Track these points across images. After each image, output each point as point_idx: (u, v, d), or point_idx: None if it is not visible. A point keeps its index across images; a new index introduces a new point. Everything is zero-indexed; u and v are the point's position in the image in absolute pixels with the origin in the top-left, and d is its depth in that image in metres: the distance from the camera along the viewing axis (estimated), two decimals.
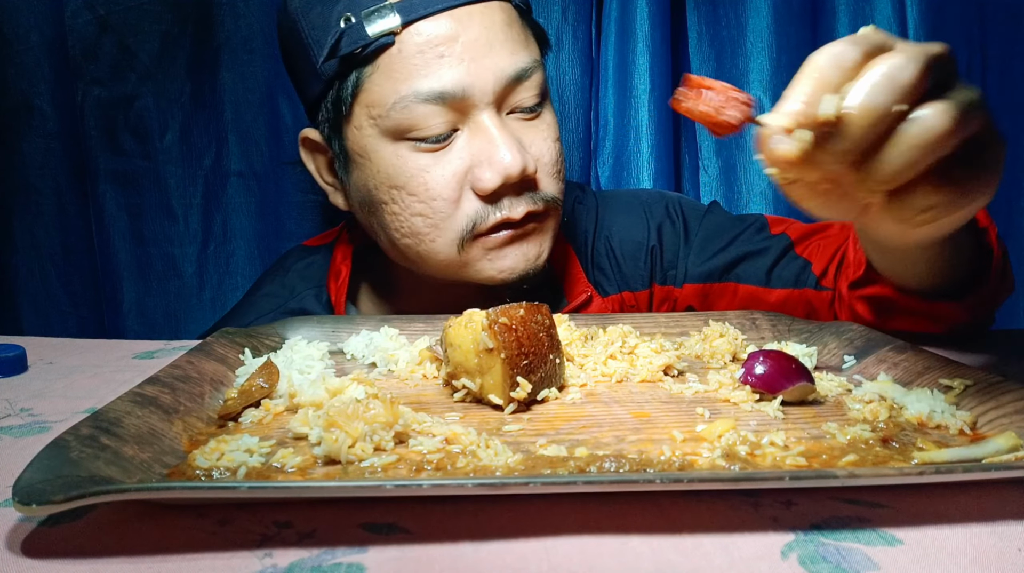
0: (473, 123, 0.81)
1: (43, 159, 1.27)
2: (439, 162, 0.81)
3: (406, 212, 0.83)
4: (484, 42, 0.79)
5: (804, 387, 0.58)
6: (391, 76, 0.79)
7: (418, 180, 0.81)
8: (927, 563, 0.38)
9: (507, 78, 0.80)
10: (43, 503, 0.37)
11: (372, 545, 0.40)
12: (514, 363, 0.56)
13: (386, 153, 0.82)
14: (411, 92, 0.79)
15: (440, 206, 0.82)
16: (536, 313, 0.59)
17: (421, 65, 0.78)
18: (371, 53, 0.79)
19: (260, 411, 0.57)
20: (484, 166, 0.80)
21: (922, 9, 1.20)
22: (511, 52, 0.81)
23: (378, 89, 0.80)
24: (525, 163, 0.80)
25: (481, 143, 0.80)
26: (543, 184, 0.85)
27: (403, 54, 0.79)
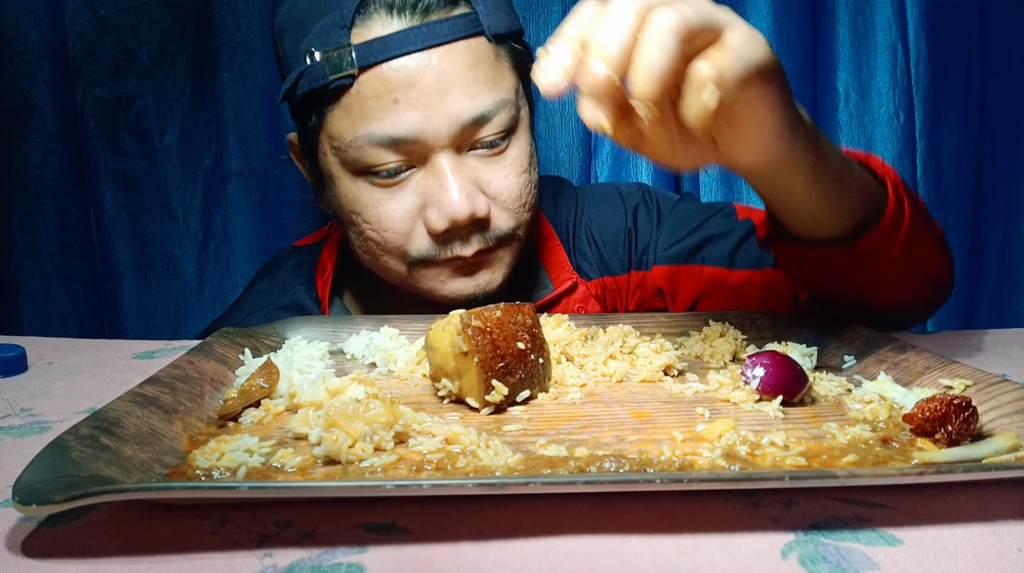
0: (430, 164, 0.82)
1: (43, 159, 1.27)
2: (393, 198, 0.83)
3: (362, 236, 0.87)
4: (441, 87, 0.79)
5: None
6: (349, 115, 0.81)
7: (372, 211, 0.84)
8: (927, 563, 0.38)
9: (464, 123, 0.80)
10: (43, 503, 0.37)
11: (372, 545, 0.40)
12: (488, 366, 0.56)
13: (346, 181, 0.85)
14: (365, 134, 0.80)
15: (391, 237, 0.84)
16: (516, 314, 0.59)
17: (376, 108, 0.79)
18: (333, 91, 0.81)
19: (260, 411, 0.57)
20: (434, 208, 0.81)
21: (922, 9, 1.20)
22: (471, 96, 0.80)
23: (338, 124, 0.82)
24: (474, 208, 0.81)
25: (433, 185, 0.81)
26: (499, 221, 0.85)
27: (360, 96, 0.79)
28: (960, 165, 1.26)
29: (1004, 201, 1.30)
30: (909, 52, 1.21)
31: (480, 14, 0.82)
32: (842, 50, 1.22)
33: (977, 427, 0.50)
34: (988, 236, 1.30)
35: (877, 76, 1.21)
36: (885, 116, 1.22)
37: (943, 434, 0.49)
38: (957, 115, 1.25)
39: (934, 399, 0.50)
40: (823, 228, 0.72)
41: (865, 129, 1.23)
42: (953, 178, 1.26)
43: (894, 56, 1.20)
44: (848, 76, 1.22)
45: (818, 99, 1.25)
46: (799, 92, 1.23)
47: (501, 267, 0.88)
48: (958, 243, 1.28)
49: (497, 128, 0.82)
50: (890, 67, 1.21)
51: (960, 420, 0.49)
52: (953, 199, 1.27)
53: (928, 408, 0.50)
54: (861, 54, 1.22)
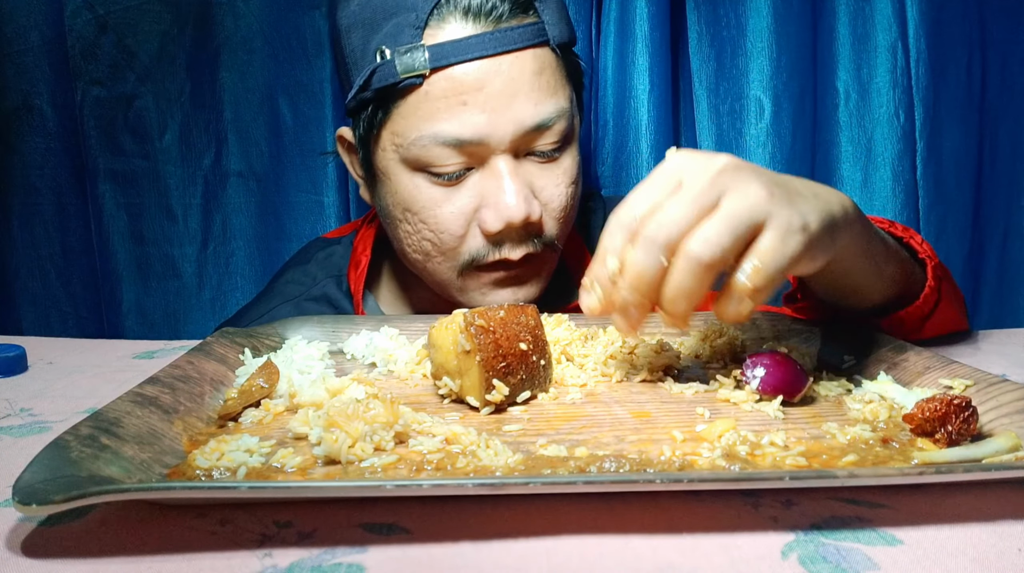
0: (488, 166, 0.83)
1: (43, 159, 1.27)
2: (450, 198, 0.84)
3: (416, 235, 0.87)
4: (509, 93, 0.80)
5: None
6: (416, 114, 0.82)
7: (429, 211, 0.84)
8: (927, 563, 0.38)
9: (526, 129, 0.82)
10: (43, 503, 0.37)
11: (372, 545, 0.40)
12: (490, 365, 0.56)
13: (404, 179, 0.85)
14: (431, 133, 0.81)
15: (447, 238, 0.85)
16: (519, 314, 0.59)
17: (444, 109, 0.80)
18: (401, 88, 0.82)
19: (260, 411, 0.57)
20: (490, 209, 0.82)
21: (922, 9, 1.20)
22: (535, 103, 0.82)
23: (403, 122, 0.83)
24: (529, 212, 0.82)
25: (491, 186, 0.83)
26: (547, 228, 0.86)
27: (429, 96, 0.81)
28: (960, 165, 1.26)
29: (1004, 201, 1.29)
30: (909, 52, 1.21)
31: (546, 24, 0.83)
32: (842, 50, 1.22)
33: (977, 427, 0.50)
34: (988, 236, 1.30)
35: (877, 76, 1.21)
36: (885, 116, 1.22)
37: (943, 434, 0.49)
38: (957, 115, 1.25)
39: (934, 399, 0.50)
40: (853, 304, 0.75)
41: (865, 129, 1.23)
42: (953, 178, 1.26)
43: (894, 56, 1.20)
44: (848, 76, 1.22)
45: (818, 99, 1.25)
46: (799, 92, 1.23)
47: (541, 279, 0.90)
48: (958, 243, 1.28)
49: (555, 137, 0.84)
50: (890, 67, 1.20)
51: (960, 420, 0.49)
52: (953, 199, 1.27)
53: (928, 408, 0.50)
54: (861, 54, 1.21)
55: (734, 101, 1.25)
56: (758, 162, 1.24)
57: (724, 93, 1.25)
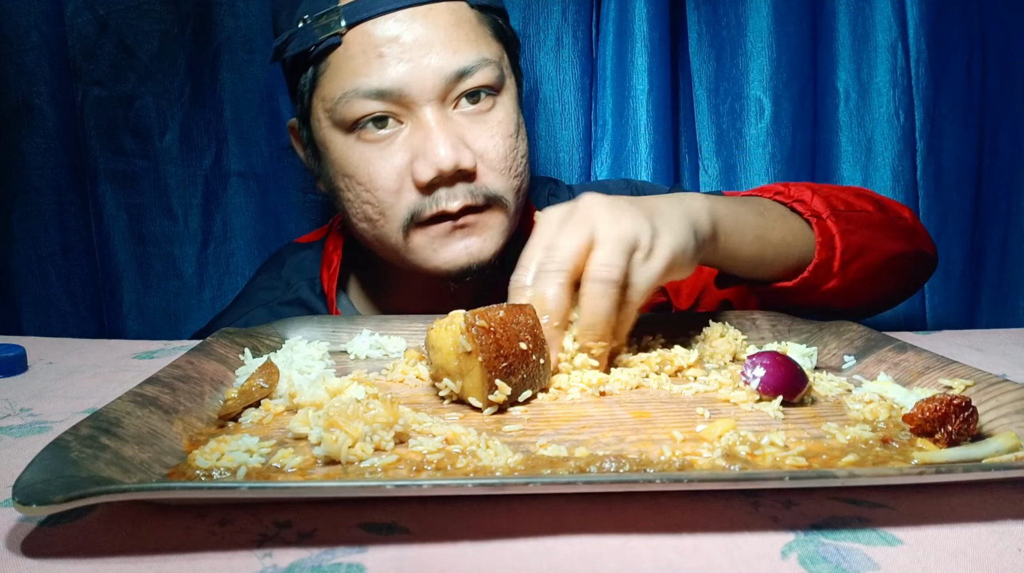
0: (415, 118, 0.85)
1: (43, 159, 1.27)
2: (382, 154, 0.86)
3: (358, 200, 0.88)
4: (425, 42, 0.83)
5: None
6: (338, 73, 0.85)
7: (363, 170, 0.86)
8: (927, 563, 0.38)
9: (446, 76, 0.84)
10: (43, 503, 0.37)
11: (372, 545, 0.40)
12: (492, 366, 0.56)
13: (338, 144, 0.88)
14: (353, 88, 0.84)
15: (383, 196, 0.86)
16: (518, 314, 0.59)
17: (363, 64, 0.83)
18: (323, 52, 0.85)
19: (260, 411, 0.57)
20: (420, 159, 0.84)
21: (922, 9, 1.20)
22: (454, 51, 0.84)
23: (328, 84, 0.86)
24: (459, 158, 0.83)
25: (420, 138, 0.85)
26: (486, 179, 0.87)
27: (348, 53, 0.84)
28: (960, 165, 1.26)
29: (1004, 201, 1.29)
30: (909, 52, 1.21)
31: None
32: (842, 50, 1.22)
33: (977, 427, 0.50)
34: (988, 236, 1.30)
35: (877, 76, 1.21)
36: (885, 116, 1.22)
37: (943, 434, 0.49)
38: (957, 115, 1.25)
39: (934, 399, 0.50)
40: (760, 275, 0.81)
41: (865, 129, 1.23)
42: (953, 178, 1.26)
43: (894, 56, 1.20)
44: (848, 76, 1.22)
45: (818, 99, 1.25)
46: (799, 92, 1.23)
47: (492, 235, 0.89)
48: (958, 243, 1.28)
49: (480, 81, 0.86)
50: (890, 67, 1.21)
51: (960, 420, 0.49)
52: (953, 199, 1.27)
53: (928, 408, 0.50)
54: (861, 54, 1.22)
55: (734, 101, 1.25)
56: (758, 162, 1.25)
57: (724, 93, 1.25)
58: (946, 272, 1.28)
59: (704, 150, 1.26)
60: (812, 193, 0.84)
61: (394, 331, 0.80)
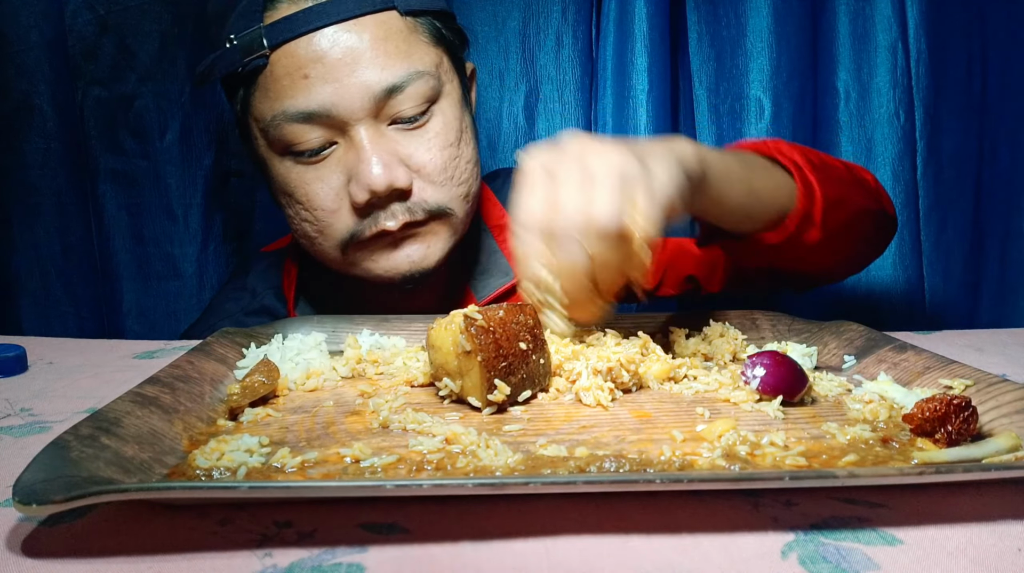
0: (348, 137, 0.83)
1: (43, 159, 1.27)
2: (319, 175, 0.84)
3: (297, 217, 0.88)
4: (349, 61, 0.80)
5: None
6: (267, 95, 0.83)
7: (301, 191, 0.85)
8: (927, 563, 0.38)
9: (375, 95, 0.81)
10: (43, 503, 0.37)
11: (372, 545, 0.40)
12: (491, 366, 0.56)
13: (275, 164, 0.86)
14: (280, 111, 0.82)
15: (321, 215, 0.85)
16: (518, 314, 0.59)
17: (289, 86, 0.81)
18: (250, 73, 0.83)
19: (261, 410, 0.57)
20: (353, 182, 0.82)
21: (922, 9, 1.20)
22: (382, 67, 0.81)
23: (259, 106, 0.84)
24: (391, 179, 0.81)
25: (352, 159, 0.83)
26: (426, 193, 0.85)
27: (274, 75, 0.82)
28: (960, 165, 1.26)
29: (1004, 201, 1.29)
30: (909, 52, 1.21)
31: None
32: (842, 50, 1.22)
33: (977, 427, 0.50)
34: (988, 236, 1.30)
35: (877, 76, 1.21)
36: (885, 116, 1.22)
37: (943, 434, 0.49)
38: (957, 115, 1.25)
39: (934, 399, 0.50)
40: (746, 229, 0.79)
41: (865, 129, 1.23)
42: (953, 178, 1.26)
43: (894, 56, 1.20)
44: (848, 76, 1.22)
45: (818, 99, 1.25)
46: (799, 92, 1.23)
47: (437, 243, 0.88)
48: (958, 243, 1.28)
49: (414, 100, 0.83)
50: (890, 67, 1.21)
51: (960, 420, 0.49)
52: (953, 199, 1.27)
53: (928, 408, 0.50)
54: (861, 54, 1.22)
55: (734, 101, 1.25)
56: None
57: (724, 93, 1.25)
58: (946, 272, 1.28)
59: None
60: (789, 146, 0.83)
61: (394, 331, 0.80)
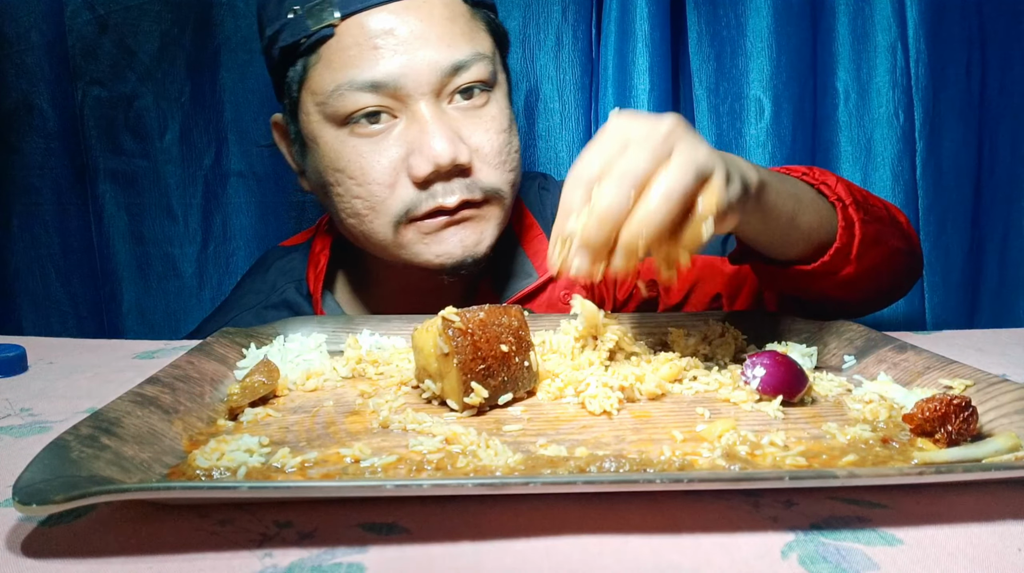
0: (410, 112, 0.84)
1: (43, 159, 1.27)
2: (376, 148, 0.84)
3: (348, 194, 0.87)
4: (420, 35, 0.82)
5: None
6: (331, 66, 0.84)
7: (356, 164, 0.85)
8: (927, 563, 0.38)
9: (442, 70, 0.83)
10: (43, 503, 0.37)
11: (372, 545, 0.40)
12: (468, 368, 0.55)
13: (329, 138, 0.86)
14: (347, 80, 0.83)
15: (376, 190, 0.85)
16: (501, 315, 0.58)
17: (357, 56, 0.82)
18: (314, 43, 0.84)
19: (261, 410, 0.57)
20: (416, 154, 0.83)
21: (922, 9, 1.20)
22: (448, 44, 0.83)
23: (319, 77, 0.85)
24: (456, 153, 0.82)
25: (415, 132, 0.84)
26: (482, 174, 0.87)
27: (341, 45, 0.83)
28: (960, 165, 1.26)
29: (1004, 201, 1.29)
30: (909, 52, 1.21)
31: None
32: (842, 50, 1.22)
33: (977, 427, 0.50)
34: (988, 236, 1.30)
35: (877, 76, 1.21)
36: (885, 116, 1.22)
37: (943, 434, 0.49)
38: (957, 115, 1.25)
39: (934, 399, 0.50)
40: (781, 254, 0.78)
41: (865, 129, 1.23)
42: (953, 178, 1.26)
43: (894, 56, 1.20)
44: (848, 76, 1.22)
45: (818, 99, 1.25)
46: (799, 92, 1.23)
47: (488, 229, 0.88)
48: (958, 243, 1.28)
49: (475, 76, 0.85)
50: (890, 67, 1.21)
51: (960, 420, 0.49)
52: (953, 199, 1.27)
53: (928, 408, 0.50)
54: (861, 54, 1.21)
55: (734, 101, 1.25)
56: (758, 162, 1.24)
57: (724, 93, 1.25)
58: (946, 272, 1.28)
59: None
60: (836, 179, 0.83)
61: (394, 331, 0.80)
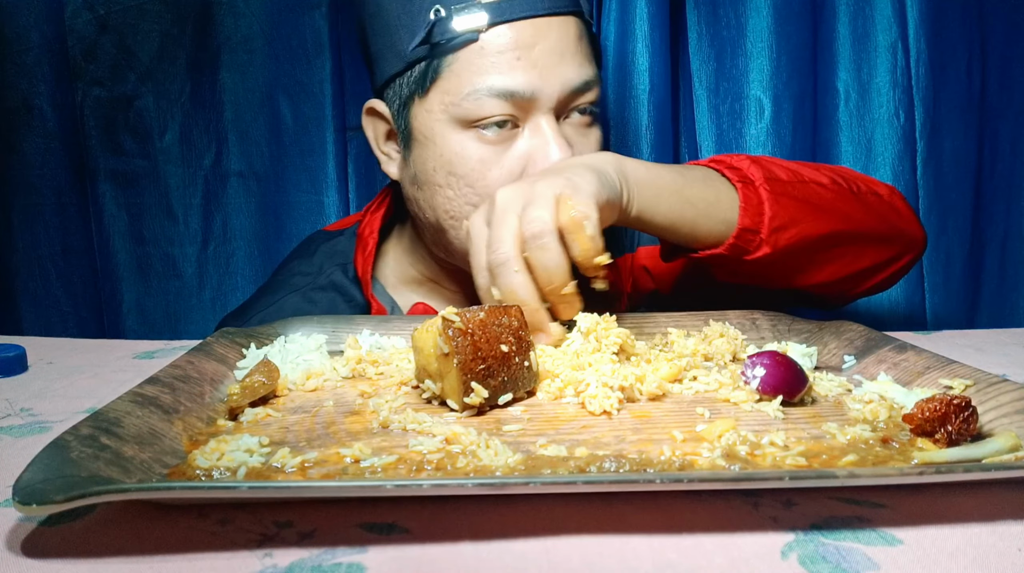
0: (533, 123, 0.86)
1: (43, 159, 1.27)
2: (499, 160, 0.86)
3: (460, 199, 0.88)
4: (558, 52, 0.85)
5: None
6: (470, 69, 0.85)
7: (478, 173, 0.87)
8: (927, 563, 0.38)
9: (572, 87, 0.86)
10: (43, 503, 0.37)
11: (372, 545, 0.40)
12: (468, 368, 0.55)
13: (451, 140, 0.87)
14: (485, 86, 0.84)
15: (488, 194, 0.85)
16: (501, 316, 0.58)
17: (499, 64, 0.84)
18: (455, 45, 0.85)
19: (261, 410, 0.57)
20: (539, 161, 0.85)
21: (922, 9, 1.20)
22: (579, 64, 0.86)
23: (456, 79, 0.86)
24: None
25: (538, 145, 0.86)
26: None
27: (485, 51, 0.84)
28: (960, 165, 1.26)
29: (1004, 201, 1.30)
30: (909, 52, 1.21)
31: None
32: (842, 50, 1.22)
33: (977, 427, 0.50)
34: (988, 236, 1.30)
35: (877, 76, 1.21)
36: (885, 116, 1.22)
37: (943, 434, 0.49)
38: (957, 115, 1.25)
39: (934, 399, 0.50)
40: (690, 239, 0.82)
41: (865, 129, 1.23)
42: (953, 178, 1.26)
43: (894, 56, 1.20)
44: (848, 76, 1.22)
45: (818, 99, 1.25)
46: (799, 92, 1.23)
47: None
48: (958, 243, 1.28)
49: (593, 98, 0.88)
50: (890, 67, 1.21)
51: (960, 420, 0.49)
52: (953, 199, 1.27)
53: (928, 408, 0.50)
54: (861, 54, 1.22)
55: (734, 101, 1.25)
56: None
57: (724, 93, 1.25)
58: (946, 272, 1.28)
59: (704, 150, 1.26)
60: (751, 162, 0.84)
61: (394, 331, 0.80)
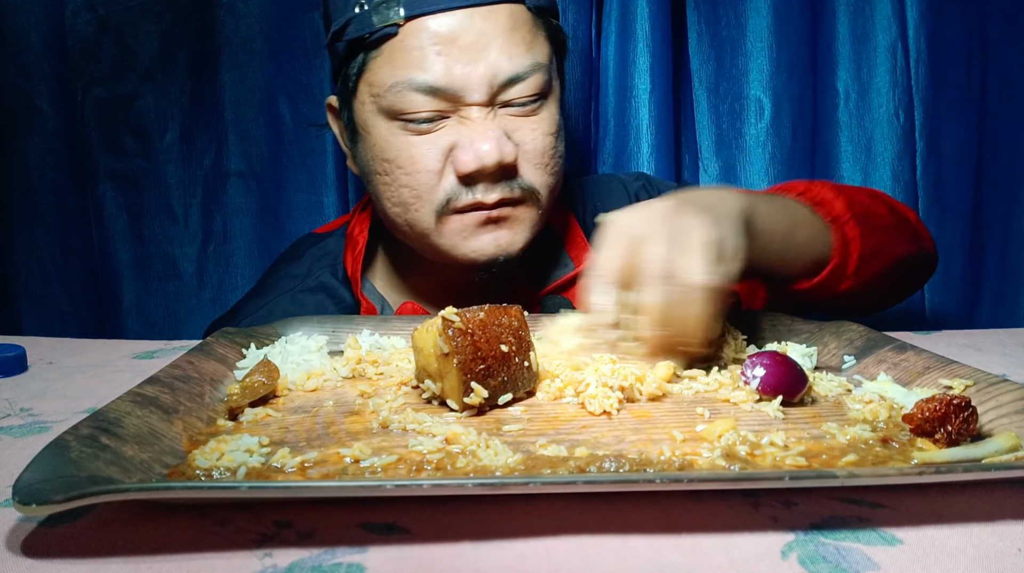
0: (463, 113, 0.85)
1: (43, 159, 1.27)
2: (426, 141, 0.86)
3: (395, 183, 0.88)
4: (482, 45, 0.83)
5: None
6: (391, 62, 0.85)
7: (405, 154, 0.87)
8: (927, 563, 0.38)
9: (499, 81, 0.84)
10: (43, 503, 0.37)
11: (372, 545, 0.40)
12: (468, 368, 0.55)
13: (381, 129, 0.88)
14: (405, 80, 0.84)
15: (423, 178, 0.87)
16: (501, 316, 0.58)
17: (419, 58, 0.84)
18: (378, 39, 0.85)
19: (261, 410, 0.57)
20: (464, 149, 0.84)
21: (922, 9, 1.20)
22: (509, 56, 0.84)
23: (379, 71, 0.86)
24: (502, 155, 0.84)
25: (465, 130, 0.85)
26: (524, 172, 0.88)
27: (404, 44, 0.84)
28: (960, 165, 1.26)
29: (1004, 201, 1.29)
30: (909, 52, 1.21)
31: None
32: (842, 50, 1.22)
33: (977, 427, 0.50)
34: (988, 236, 1.30)
35: (877, 76, 1.21)
36: (885, 116, 1.22)
37: (943, 434, 0.49)
38: (957, 115, 1.25)
39: (934, 399, 0.50)
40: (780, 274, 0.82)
41: (865, 129, 1.23)
42: (953, 178, 1.26)
43: (894, 56, 1.20)
44: (848, 76, 1.22)
45: (818, 99, 1.25)
46: (799, 92, 1.23)
47: (523, 230, 0.90)
48: (958, 243, 1.28)
49: (530, 90, 0.86)
50: (890, 67, 1.21)
51: (960, 420, 0.49)
52: (953, 199, 1.27)
53: (928, 408, 0.50)
54: (861, 54, 1.22)
55: (734, 101, 1.25)
56: (758, 162, 1.24)
57: (724, 93, 1.25)
58: (946, 272, 1.28)
59: (704, 150, 1.26)
60: (835, 194, 0.84)
61: (394, 331, 0.80)
